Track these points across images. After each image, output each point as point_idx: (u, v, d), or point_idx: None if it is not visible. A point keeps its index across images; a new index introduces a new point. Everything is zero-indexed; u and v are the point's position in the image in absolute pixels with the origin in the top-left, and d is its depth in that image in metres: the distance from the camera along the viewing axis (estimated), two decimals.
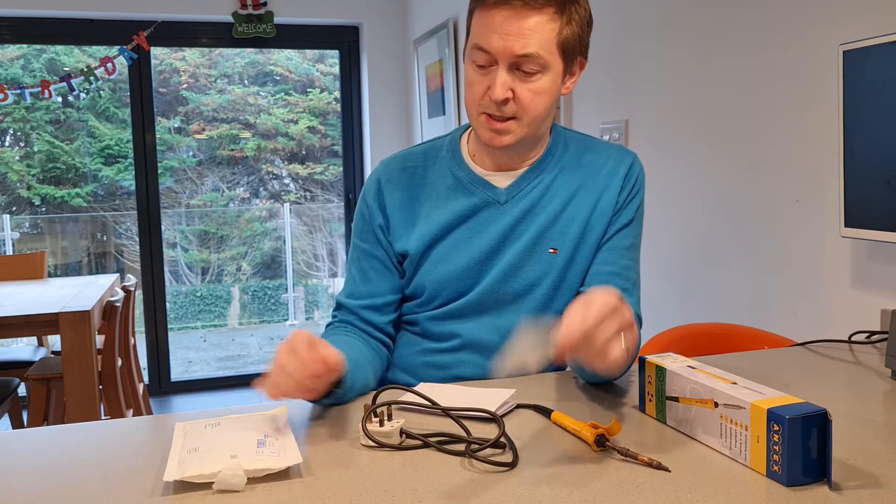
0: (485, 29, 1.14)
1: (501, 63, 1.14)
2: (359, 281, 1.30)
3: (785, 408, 0.81)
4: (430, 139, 1.37)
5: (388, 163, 1.34)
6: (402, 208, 1.29)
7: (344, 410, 1.08)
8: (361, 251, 1.31)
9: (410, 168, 1.31)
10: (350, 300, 1.30)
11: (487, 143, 1.21)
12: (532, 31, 1.13)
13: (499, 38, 1.13)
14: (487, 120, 1.19)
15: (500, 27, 1.13)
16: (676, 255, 2.31)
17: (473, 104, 1.20)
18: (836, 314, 1.73)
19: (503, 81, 1.15)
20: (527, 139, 1.22)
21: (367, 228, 1.31)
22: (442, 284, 1.25)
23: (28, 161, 4.87)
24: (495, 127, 1.19)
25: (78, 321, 2.69)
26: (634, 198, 1.27)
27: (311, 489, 0.81)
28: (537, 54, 1.14)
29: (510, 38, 1.12)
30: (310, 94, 5.41)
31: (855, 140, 1.52)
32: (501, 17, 1.13)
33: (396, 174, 1.31)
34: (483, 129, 1.20)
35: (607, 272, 1.23)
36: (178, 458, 0.87)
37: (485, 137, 1.21)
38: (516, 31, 1.12)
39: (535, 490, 0.80)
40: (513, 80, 1.15)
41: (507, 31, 1.12)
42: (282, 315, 5.77)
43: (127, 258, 5.19)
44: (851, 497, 0.77)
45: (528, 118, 1.18)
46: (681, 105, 2.25)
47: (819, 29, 1.75)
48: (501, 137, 1.19)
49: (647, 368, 1.02)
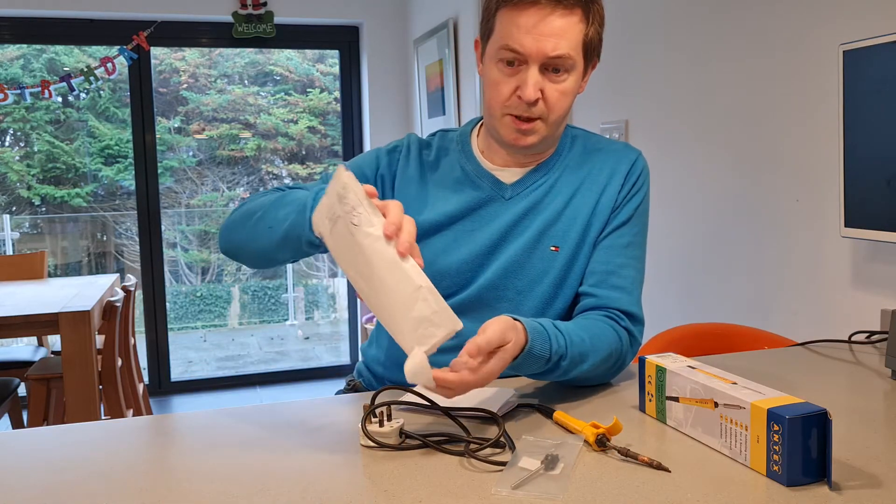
0: (516, 29, 1.13)
1: (533, 64, 1.14)
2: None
3: (785, 408, 0.81)
4: (439, 130, 1.38)
5: (412, 138, 1.35)
6: (409, 184, 1.29)
7: (343, 410, 1.08)
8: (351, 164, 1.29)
9: (426, 153, 1.33)
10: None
11: (512, 143, 1.21)
12: (564, 32, 1.13)
13: (532, 39, 1.12)
14: (513, 121, 1.18)
15: (534, 28, 1.12)
16: (676, 255, 2.31)
17: (498, 105, 1.19)
18: (836, 314, 1.73)
19: (535, 82, 1.14)
20: (548, 139, 1.22)
21: (372, 166, 1.30)
22: (442, 275, 1.25)
23: (28, 161, 4.87)
24: (521, 127, 1.18)
25: (78, 321, 2.69)
26: (635, 196, 1.27)
27: (311, 489, 0.81)
28: (568, 55, 1.14)
29: (543, 38, 1.12)
30: (310, 94, 5.41)
31: (855, 140, 1.52)
32: (534, 18, 1.12)
33: (416, 152, 1.32)
34: (508, 130, 1.20)
35: (601, 271, 1.23)
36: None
37: (509, 138, 1.20)
38: (549, 31, 1.12)
39: (535, 490, 0.80)
40: (542, 80, 1.15)
41: (541, 32, 1.12)
42: (282, 315, 5.77)
43: (127, 258, 5.19)
44: (851, 497, 0.77)
45: (553, 118, 1.19)
46: (681, 105, 2.25)
47: (819, 29, 1.75)
48: (527, 138, 1.19)
49: (647, 368, 1.02)
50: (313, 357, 5.34)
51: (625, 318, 1.21)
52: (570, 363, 1.08)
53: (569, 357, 1.08)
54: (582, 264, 1.25)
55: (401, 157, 1.32)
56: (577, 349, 1.09)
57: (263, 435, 0.98)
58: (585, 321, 1.17)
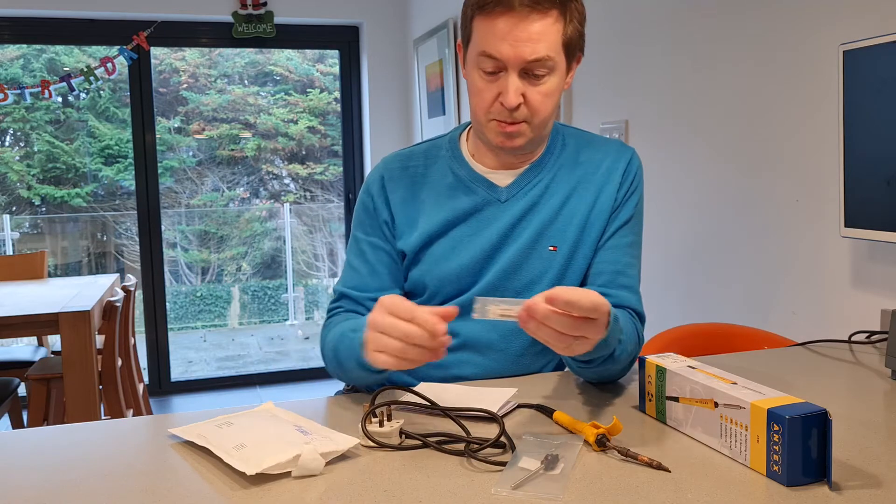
0: (491, 36, 1.13)
1: (512, 69, 1.14)
2: (366, 274, 1.28)
3: (785, 408, 0.81)
4: (429, 138, 1.37)
5: (390, 160, 1.33)
6: (404, 207, 1.28)
7: (343, 410, 1.08)
8: (369, 244, 1.29)
9: (412, 167, 1.31)
10: (357, 292, 1.28)
11: (499, 146, 1.21)
12: (540, 35, 1.12)
13: (508, 45, 1.12)
14: (498, 125, 1.18)
15: (509, 34, 1.12)
16: (676, 255, 2.31)
17: (482, 111, 1.19)
18: (836, 314, 1.73)
19: (515, 88, 1.14)
20: (535, 139, 1.22)
21: (374, 223, 1.30)
22: (443, 282, 1.25)
23: (28, 161, 4.87)
24: (507, 130, 1.18)
25: (78, 321, 2.69)
26: (633, 194, 1.27)
27: (311, 490, 0.81)
28: (547, 57, 1.13)
29: (520, 43, 1.12)
30: (310, 94, 5.41)
31: (855, 140, 1.52)
32: (508, 24, 1.12)
33: (399, 173, 1.31)
34: (494, 134, 1.20)
35: (611, 271, 1.23)
36: (231, 454, 0.87)
37: (496, 141, 1.20)
38: (525, 36, 1.12)
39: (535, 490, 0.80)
40: (523, 84, 1.15)
41: (517, 38, 1.12)
42: (282, 315, 5.77)
43: (127, 258, 5.19)
44: (851, 497, 0.77)
45: (538, 120, 1.19)
46: (681, 105, 2.25)
47: (819, 29, 1.75)
48: (514, 140, 1.19)
49: (647, 368, 1.02)
50: (313, 357, 5.33)
51: (635, 317, 1.22)
52: (626, 339, 1.11)
53: (626, 332, 1.11)
54: (580, 263, 1.25)
55: (387, 191, 1.30)
56: (626, 328, 1.12)
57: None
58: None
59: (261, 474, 0.83)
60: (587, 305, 0.90)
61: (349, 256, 1.33)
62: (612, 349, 1.06)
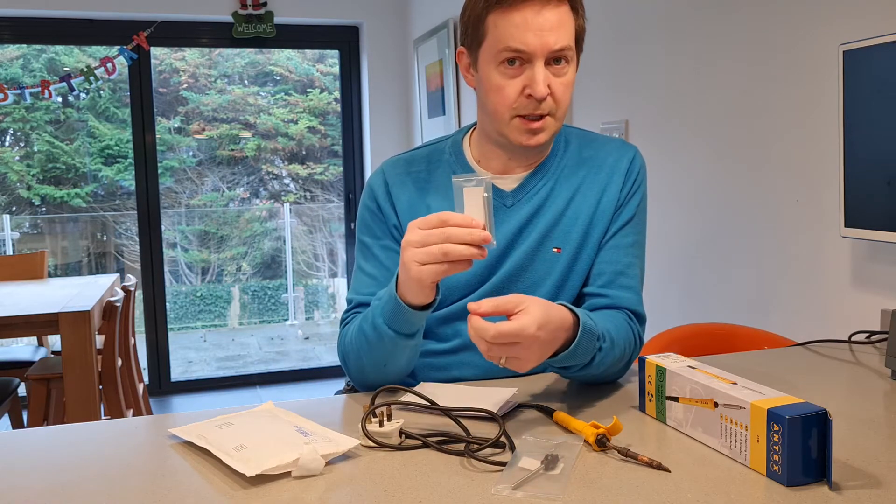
0: (514, 28, 1.12)
1: (538, 60, 1.13)
2: (381, 276, 1.26)
3: (785, 408, 0.81)
4: (429, 141, 1.36)
5: (392, 164, 1.31)
6: (411, 212, 1.26)
7: (343, 411, 1.08)
8: (381, 247, 1.27)
9: (415, 172, 1.29)
10: (374, 298, 1.25)
11: (523, 145, 1.19)
12: (561, 23, 1.13)
13: (533, 35, 1.12)
14: (522, 122, 1.17)
15: (533, 23, 1.12)
16: (676, 255, 2.31)
17: (505, 108, 1.17)
18: (836, 314, 1.73)
19: (544, 77, 1.14)
20: (554, 134, 1.22)
21: (384, 228, 1.28)
22: (451, 289, 1.24)
23: (28, 161, 4.87)
24: (532, 127, 1.17)
25: (78, 321, 2.69)
26: (636, 194, 1.27)
27: (311, 489, 0.81)
28: (569, 46, 1.14)
29: (545, 32, 1.12)
30: (310, 94, 5.42)
31: (855, 140, 1.52)
32: (531, 14, 1.12)
33: (402, 178, 1.29)
34: (517, 132, 1.18)
35: (611, 272, 1.23)
36: (231, 455, 0.87)
37: (520, 140, 1.19)
38: (549, 25, 1.12)
39: (535, 490, 0.80)
40: (548, 75, 1.15)
41: (541, 27, 1.11)
42: (282, 315, 5.77)
43: (127, 258, 5.19)
44: (851, 497, 0.77)
45: (560, 112, 1.18)
46: (681, 105, 2.25)
47: (819, 29, 1.75)
48: (538, 136, 1.18)
49: (647, 368, 1.02)
50: (313, 357, 5.34)
51: (633, 319, 1.21)
52: (609, 346, 1.09)
53: (608, 339, 1.09)
54: (584, 264, 1.24)
55: (391, 196, 1.28)
56: (611, 334, 1.11)
57: None
58: (604, 314, 1.18)
59: (261, 475, 0.83)
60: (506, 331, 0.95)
61: (359, 263, 1.30)
62: (588, 359, 1.06)
